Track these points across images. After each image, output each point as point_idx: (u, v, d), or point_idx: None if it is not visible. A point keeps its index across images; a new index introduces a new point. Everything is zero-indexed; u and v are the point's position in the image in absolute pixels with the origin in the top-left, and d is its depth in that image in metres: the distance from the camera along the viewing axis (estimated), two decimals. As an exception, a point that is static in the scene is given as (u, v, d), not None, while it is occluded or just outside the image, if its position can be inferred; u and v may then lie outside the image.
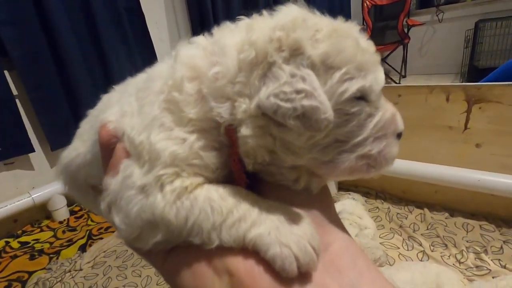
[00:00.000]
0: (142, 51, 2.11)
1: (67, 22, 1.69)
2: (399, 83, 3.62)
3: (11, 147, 1.59)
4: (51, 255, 1.48)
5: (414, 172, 1.35)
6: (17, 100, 1.62)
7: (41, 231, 1.70)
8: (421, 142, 1.39)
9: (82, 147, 0.40)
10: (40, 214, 1.78)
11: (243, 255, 0.25)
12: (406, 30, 3.73)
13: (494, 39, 3.32)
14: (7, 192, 1.64)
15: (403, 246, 1.24)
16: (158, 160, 0.27)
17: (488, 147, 1.23)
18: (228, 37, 0.28)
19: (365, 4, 3.88)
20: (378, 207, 1.49)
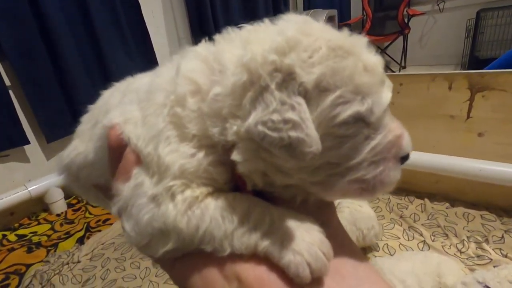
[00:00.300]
0: (137, 39, 2.06)
1: (60, 12, 1.65)
2: (399, 74, 3.58)
3: (5, 140, 1.56)
4: (49, 248, 1.47)
5: (415, 162, 1.34)
6: (10, 92, 1.59)
7: (38, 224, 1.69)
8: (422, 132, 1.37)
9: (82, 146, 0.40)
10: (37, 206, 1.76)
11: (253, 262, 0.26)
12: (406, 20, 3.67)
13: (496, 28, 3.28)
14: (3, 185, 1.62)
15: (403, 236, 1.24)
16: (168, 172, 0.27)
17: (491, 136, 1.21)
18: (227, 50, 0.28)
19: (365, -6, 3.81)
20: (378, 198, 1.48)
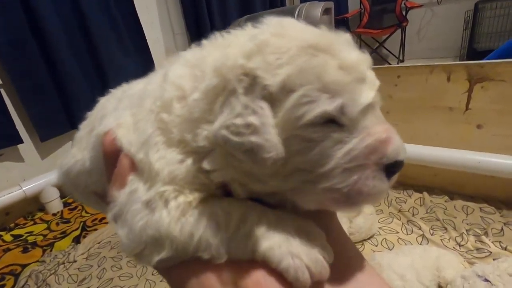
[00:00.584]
0: (132, 35, 2.03)
1: (52, 7, 1.61)
2: (397, 68, 3.55)
3: (-1, 139, 1.54)
4: (45, 248, 1.45)
5: (413, 155, 1.32)
6: (1, 90, 1.56)
7: (34, 223, 1.67)
8: (420, 124, 1.35)
9: (80, 154, 0.40)
10: (32, 206, 1.74)
11: (251, 267, 0.25)
12: (404, 13, 3.64)
13: (494, 20, 3.25)
14: (-3, 185, 1.60)
15: (402, 231, 1.22)
16: (158, 177, 0.27)
17: (490, 127, 1.19)
18: (212, 55, 0.28)
19: (362, -13, 3.77)
20: (376, 192, 1.46)
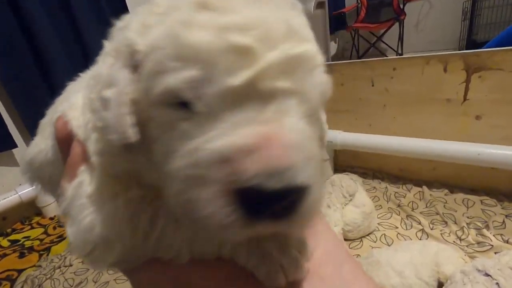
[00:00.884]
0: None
1: (42, 10, 1.59)
2: (396, 61, 3.51)
3: (-8, 144, 1.53)
4: (41, 252, 1.44)
5: (411, 149, 1.29)
6: (-6, 94, 1.55)
7: (31, 228, 1.66)
8: (418, 117, 1.32)
9: (43, 143, 0.36)
10: (29, 211, 1.73)
11: (215, 267, 0.22)
12: (401, 6, 3.59)
13: (493, 10, 3.20)
14: (-7, 190, 1.59)
15: (401, 226, 1.20)
16: (100, 166, 0.23)
17: (488, 118, 1.16)
18: None
19: (359, -20, 3.73)
20: (375, 187, 1.44)
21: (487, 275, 0.77)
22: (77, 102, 0.28)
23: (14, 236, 1.59)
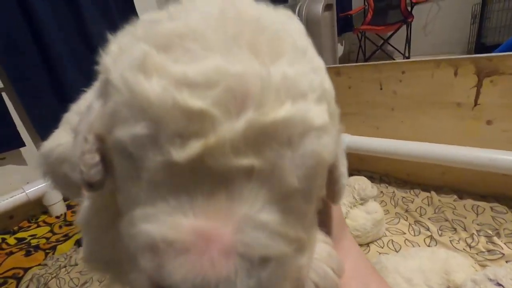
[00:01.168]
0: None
1: (50, 11, 1.61)
2: (403, 64, 3.48)
3: (1, 142, 1.54)
4: (47, 251, 1.45)
5: (419, 153, 1.28)
6: (3, 93, 1.56)
7: (38, 226, 1.67)
8: (426, 121, 1.30)
9: (63, 137, 0.36)
10: (36, 209, 1.75)
11: None
12: (409, 9, 3.56)
13: (503, 13, 3.16)
14: (1, 188, 1.61)
15: (409, 231, 1.18)
16: None
17: (500, 123, 1.14)
18: None
19: (366, -18, 3.71)
20: (382, 192, 1.42)
21: (499, 284, 0.75)
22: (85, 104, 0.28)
23: (20, 234, 1.61)
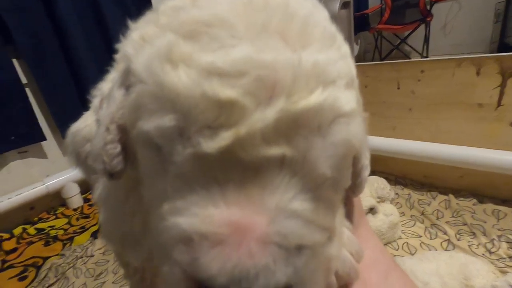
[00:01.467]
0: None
1: (73, 11, 1.66)
2: (421, 64, 3.39)
3: (23, 136, 1.60)
4: (65, 242, 1.49)
5: (437, 155, 1.24)
6: (27, 89, 1.62)
7: (56, 218, 1.73)
8: (446, 122, 1.27)
9: (90, 118, 0.36)
10: (55, 201, 1.80)
11: None
12: (428, 7, 3.47)
13: (529, 12, 3.03)
14: (22, 180, 1.67)
15: (425, 235, 1.15)
16: None
17: (525, 125, 1.10)
18: None
19: (383, -19, 3.64)
20: (397, 193, 1.39)
21: (522, 291, 0.72)
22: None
23: (40, 225, 1.67)
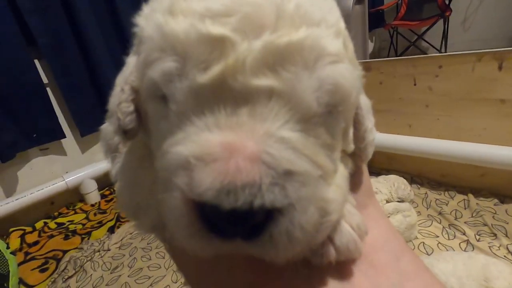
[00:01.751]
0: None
1: (89, 8, 1.71)
2: (438, 61, 3.29)
3: (45, 134, 1.67)
4: (83, 236, 1.55)
5: (455, 153, 1.20)
6: (47, 88, 1.69)
7: (75, 213, 1.79)
8: (465, 119, 1.22)
9: None
10: (74, 197, 1.87)
11: None
12: (447, 1, 3.35)
13: (556, 4, 2.88)
14: (44, 176, 1.74)
15: (443, 235, 1.12)
16: None
17: (550, 122, 1.05)
18: None
19: (399, -25, 3.54)
20: (414, 192, 1.36)
21: (547, 295, 0.69)
22: None
23: (60, 220, 1.73)
